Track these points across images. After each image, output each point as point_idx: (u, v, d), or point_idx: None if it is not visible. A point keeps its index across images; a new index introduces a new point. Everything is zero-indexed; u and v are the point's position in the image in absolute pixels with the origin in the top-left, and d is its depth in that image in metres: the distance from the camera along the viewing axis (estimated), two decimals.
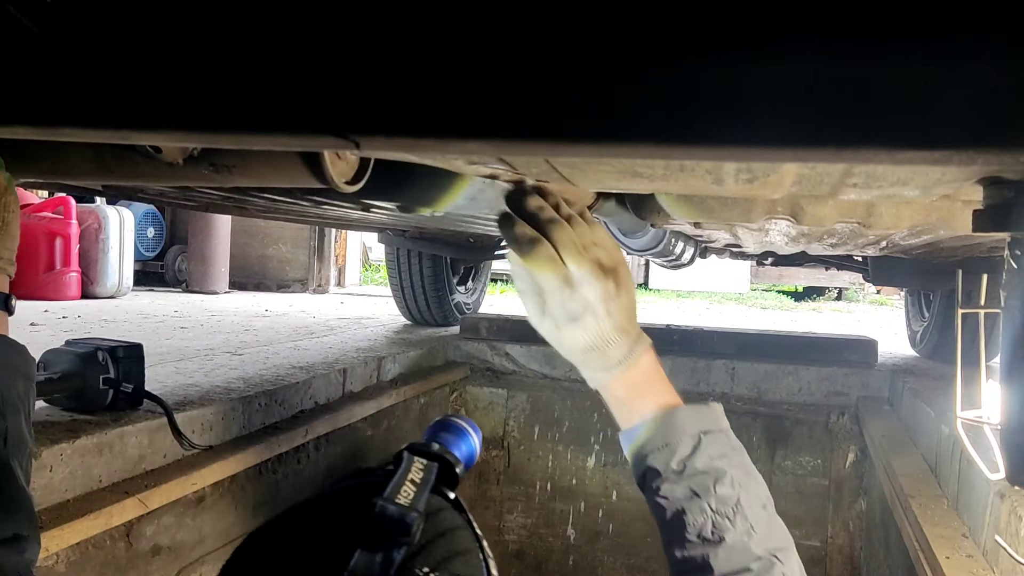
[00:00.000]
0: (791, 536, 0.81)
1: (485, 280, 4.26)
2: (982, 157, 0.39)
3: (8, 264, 0.88)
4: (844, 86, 0.37)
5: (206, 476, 1.50)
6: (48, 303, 4.09)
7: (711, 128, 0.39)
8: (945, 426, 1.77)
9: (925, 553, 1.42)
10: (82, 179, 0.94)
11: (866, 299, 9.41)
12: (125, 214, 4.95)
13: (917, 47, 0.36)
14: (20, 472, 0.79)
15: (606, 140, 0.41)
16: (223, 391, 1.74)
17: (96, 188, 1.42)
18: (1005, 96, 0.36)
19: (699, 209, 1.26)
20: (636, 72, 0.39)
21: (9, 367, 0.85)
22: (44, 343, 1.60)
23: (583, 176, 0.93)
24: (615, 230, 1.85)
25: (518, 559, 3.10)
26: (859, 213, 1.24)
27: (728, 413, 0.87)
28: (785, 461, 2.90)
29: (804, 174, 0.88)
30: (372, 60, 0.42)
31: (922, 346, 3.34)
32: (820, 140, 0.38)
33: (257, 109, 0.44)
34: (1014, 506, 1.20)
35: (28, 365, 0.88)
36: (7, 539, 0.74)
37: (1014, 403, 1.05)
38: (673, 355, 3.04)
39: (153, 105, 0.45)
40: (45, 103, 0.47)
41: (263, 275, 6.31)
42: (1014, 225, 0.81)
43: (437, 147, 0.63)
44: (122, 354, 1.40)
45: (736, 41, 0.38)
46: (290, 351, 2.51)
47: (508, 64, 0.40)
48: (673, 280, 9.61)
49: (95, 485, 1.29)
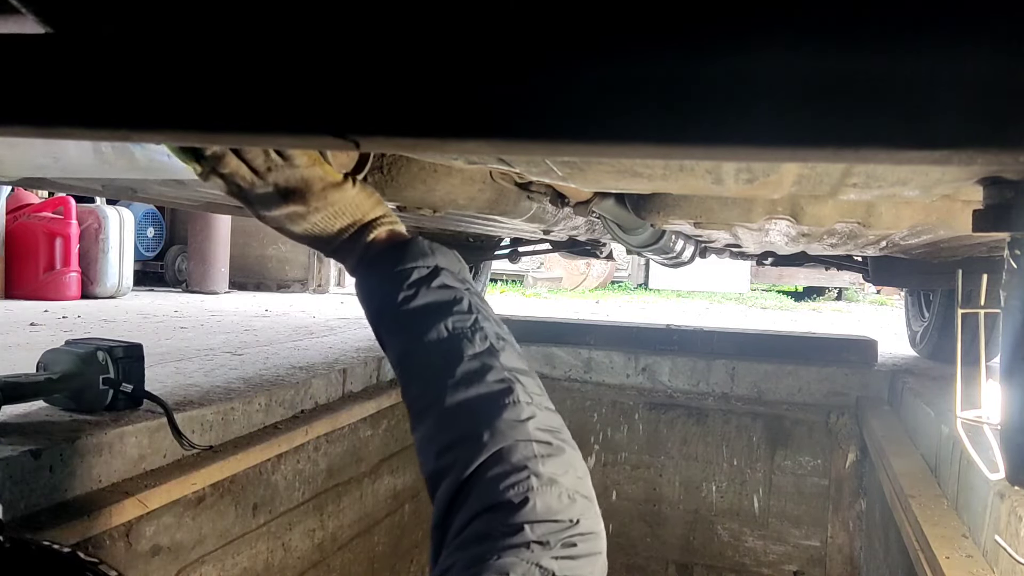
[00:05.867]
0: (529, 364, 0.79)
1: (485, 280, 4.26)
2: (982, 157, 0.39)
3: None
4: (844, 85, 0.37)
5: (206, 476, 1.50)
6: (48, 303, 4.09)
7: (710, 128, 0.39)
8: (945, 426, 1.77)
9: (925, 553, 1.42)
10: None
11: (866, 299, 9.41)
12: (125, 214, 4.94)
13: (917, 46, 0.36)
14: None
15: (605, 140, 0.41)
16: (223, 391, 1.74)
17: (96, 188, 1.42)
18: (1005, 96, 0.36)
19: (699, 209, 1.26)
20: (636, 72, 0.39)
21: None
22: (44, 343, 1.60)
23: (582, 176, 0.93)
24: (615, 227, 1.84)
25: None
26: (859, 213, 1.24)
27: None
28: (785, 461, 2.91)
29: (804, 174, 0.88)
30: (372, 59, 0.42)
31: (922, 346, 3.34)
32: (820, 140, 0.38)
33: (256, 109, 0.44)
34: (1014, 506, 1.20)
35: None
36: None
37: (1014, 403, 1.05)
38: (673, 355, 3.04)
39: (152, 105, 0.45)
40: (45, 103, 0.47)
41: (263, 275, 6.31)
42: (1014, 225, 0.81)
43: (437, 147, 0.63)
44: (122, 354, 1.40)
45: (735, 40, 0.38)
46: (290, 351, 2.51)
47: (507, 63, 0.40)
48: (673, 280, 9.61)
49: (95, 485, 1.29)
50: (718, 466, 2.98)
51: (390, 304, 0.78)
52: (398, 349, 0.78)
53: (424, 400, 0.74)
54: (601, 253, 3.21)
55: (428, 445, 0.73)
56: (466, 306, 0.77)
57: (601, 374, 3.10)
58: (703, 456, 2.99)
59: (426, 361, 0.75)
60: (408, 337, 0.76)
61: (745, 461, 2.95)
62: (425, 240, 0.82)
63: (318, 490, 2.05)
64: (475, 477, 0.68)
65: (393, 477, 2.54)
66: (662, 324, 3.48)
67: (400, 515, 2.62)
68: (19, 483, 1.14)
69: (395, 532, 2.58)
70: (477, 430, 0.69)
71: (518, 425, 0.70)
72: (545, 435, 0.71)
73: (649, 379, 3.04)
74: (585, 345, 3.17)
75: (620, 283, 10.53)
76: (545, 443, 0.70)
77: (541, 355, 3.14)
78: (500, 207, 1.37)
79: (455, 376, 0.72)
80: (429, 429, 0.73)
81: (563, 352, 3.16)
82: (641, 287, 10.33)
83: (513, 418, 0.70)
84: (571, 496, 0.68)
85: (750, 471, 2.95)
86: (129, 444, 1.36)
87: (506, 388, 0.72)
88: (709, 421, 2.96)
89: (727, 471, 2.97)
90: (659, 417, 3.04)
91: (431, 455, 0.72)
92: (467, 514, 0.67)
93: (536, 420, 0.71)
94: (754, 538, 2.95)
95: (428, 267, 0.79)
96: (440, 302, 0.77)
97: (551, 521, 0.65)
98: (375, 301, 0.81)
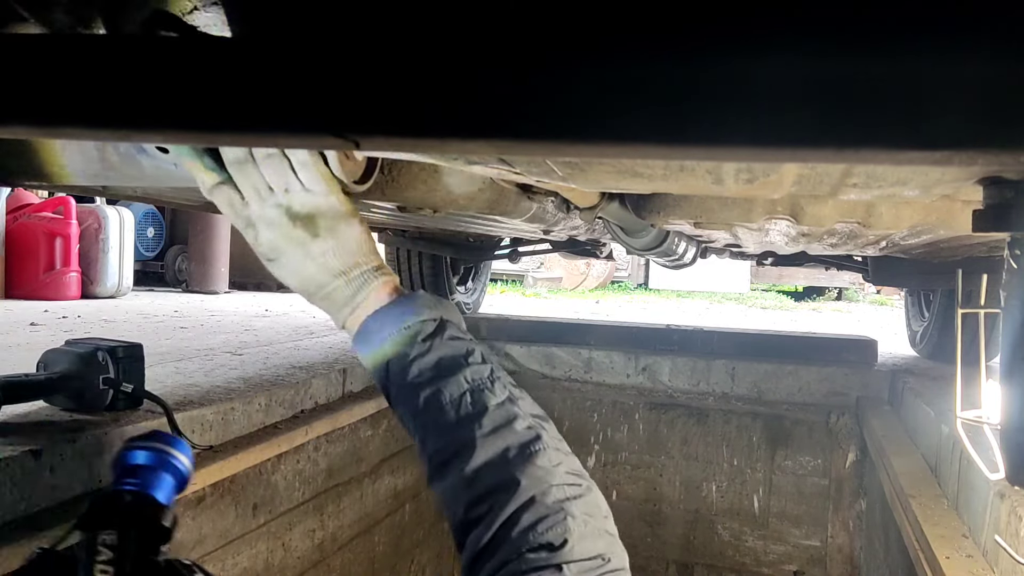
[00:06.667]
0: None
1: (485, 280, 4.26)
2: (982, 157, 0.39)
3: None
4: (844, 86, 0.37)
5: (206, 476, 1.50)
6: (48, 303, 4.09)
7: (710, 128, 0.39)
8: (945, 426, 1.77)
9: (925, 553, 1.42)
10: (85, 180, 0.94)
11: (866, 299, 9.41)
12: (125, 214, 4.95)
13: (918, 46, 0.36)
14: None
15: (606, 140, 0.41)
16: (223, 391, 1.74)
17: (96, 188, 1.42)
18: (1005, 96, 0.36)
19: (699, 209, 1.26)
20: (636, 72, 0.39)
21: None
22: (44, 343, 1.60)
23: (583, 176, 0.93)
24: (618, 229, 1.85)
25: None
26: (859, 213, 1.25)
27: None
28: (785, 461, 2.91)
29: (804, 174, 0.88)
30: (372, 59, 0.42)
31: (922, 346, 3.34)
32: (820, 140, 0.38)
33: (256, 109, 0.44)
34: (1014, 506, 1.20)
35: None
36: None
37: (1014, 403, 1.05)
38: (673, 355, 3.04)
39: (153, 105, 0.45)
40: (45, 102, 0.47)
41: (263, 275, 6.28)
42: (1014, 225, 0.81)
43: (437, 147, 0.63)
44: (122, 354, 1.39)
45: (735, 40, 0.38)
46: (290, 351, 2.51)
47: (508, 63, 0.40)
48: (673, 280, 9.61)
49: (95, 485, 1.29)
50: (718, 466, 2.98)
51: (401, 360, 0.77)
52: (412, 404, 0.77)
53: (446, 453, 0.74)
54: (601, 253, 3.22)
55: (457, 496, 0.73)
56: (479, 357, 0.78)
57: (601, 374, 3.10)
58: (703, 456, 2.99)
59: (447, 414, 0.74)
60: (425, 392, 0.76)
61: (745, 461, 2.95)
62: (427, 293, 0.82)
63: (318, 490, 2.05)
64: (510, 522, 0.69)
65: (393, 477, 2.54)
66: (662, 324, 3.48)
67: (400, 515, 2.62)
68: (19, 483, 1.14)
69: (395, 532, 2.58)
70: (511, 477, 0.70)
71: (551, 470, 0.72)
72: (574, 478, 0.73)
73: (649, 379, 3.04)
74: (585, 345, 3.17)
75: (620, 283, 10.53)
76: (575, 485, 0.72)
77: (541, 355, 3.14)
78: (500, 207, 1.38)
79: (483, 427, 0.72)
80: (457, 481, 0.73)
81: (563, 352, 3.16)
82: (641, 287, 10.33)
83: (545, 464, 0.72)
84: (601, 534, 0.70)
85: (750, 471, 2.95)
86: None
87: (535, 435, 0.73)
88: (709, 421, 2.96)
89: (727, 471, 2.97)
90: (659, 417, 3.04)
91: (460, 506, 0.72)
92: (501, 558, 0.68)
93: (564, 464, 0.73)
94: (754, 538, 2.95)
95: (435, 320, 0.79)
96: (454, 355, 0.77)
97: (587, 560, 0.67)
98: (383, 356, 0.79)
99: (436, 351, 0.76)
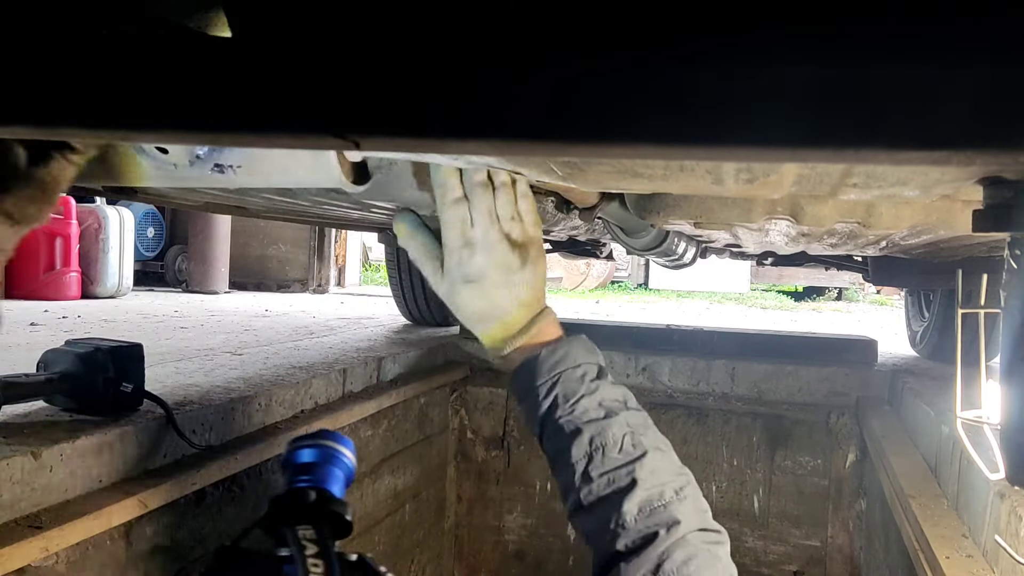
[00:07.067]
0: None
1: None
2: (982, 157, 0.39)
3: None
4: (844, 86, 0.37)
5: (206, 476, 1.50)
6: (48, 303, 4.09)
7: (711, 128, 0.39)
8: (945, 426, 1.77)
9: (925, 553, 1.42)
10: (86, 180, 0.94)
11: (866, 299, 9.41)
12: (125, 214, 4.95)
13: (917, 46, 0.36)
14: None
15: (606, 140, 0.41)
16: (223, 391, 1.74)
17: (96, 188, 1.42)
18: (1005, 96, 0.36)
19: (699, 209, 1.26)
20: (636, 72, 0.39)
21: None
22: (44, 343, 1.60)
23: (583, 176, 0.93)
24: (617, 229, 1.84)
25: (518, 559, 3.10)
26: (859, 213, 1.24)
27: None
28: (785, 461, 2.90)
29: (804, 174, 0.88)
30: (372, 59, 0.42)
31: (922, 346, 3.34)
32: (820, 140, 0.38)
33: (256, 109, 0.44)
34: (1014, 506, 1.20)
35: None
36: None
37: (1014, 403, 1.05)
38: (673, 355, 3.04)
39: (153, 105, 0.45)
40: (45, 103, 0.47)
41: (263, 275, 6.31)
42: (1014, 225, 0.81)
43: (437, 147, 0.63)
44: (122, 354, 1.39)
45: (736, 40, 0.38)
46: (290, 351, 2.51)
47: (507, 63, 0.40)
48: (673, 280, 9.61)
49: (95, 485, 1.29)
50: (718, 466, 2.98)
51: (569, 395, 0.81)
52: (573, 438, 0.81)
53: (604, 490, 0.78)
54: (601, 253, 3.21)
55: (612, 529, 0.77)
56: (635, 402, 0.84)
57: None
58: (703, 456, 2.99)
59: (609, 454, 0.79)
60: (591, 430, 0.80)
61: (745, 461, 2.95)
62: (585, 336, 0.87)
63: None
64: (665, 555, 0.74)
65: (393, 477, 2.54)
66: (662, 324, 3.47)
67: (400, 515, 2.62)
68: (19, 483, 1.14)
69: (395, 532, 2.58)
70: (671, 516, 0.76)
71: (700, 513, 0.79)
72: (715, 523, 0.80)
73: (649, 379, 3.03)
74: None
75: (620, 283, 10.53)
76: (717, 531, 0.80)
77: None
78: None
79: (644, 465, 0.78)
80: (614, 515, 0.77)
81: None
82: (641, 287, 10.33)
83: (695, 506, 0.79)
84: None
85: (750, 471, 2.94)
86: (129, 444, 1.36)
87: (687, 481, 0.81)
88: (709, 421, 2.96)
89: (727, 471, 2.97)
90: (659, 417, 3.04)
91: (616, 539, 0.77)
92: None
93: (707, 509, 0.81)
94: (754, 538, 2.95)
95: (597, 364, 0.84)
96: (616, 399, 0.82)
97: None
98: (550, 387, 0.83)
99: (602, 392, 0.81)
